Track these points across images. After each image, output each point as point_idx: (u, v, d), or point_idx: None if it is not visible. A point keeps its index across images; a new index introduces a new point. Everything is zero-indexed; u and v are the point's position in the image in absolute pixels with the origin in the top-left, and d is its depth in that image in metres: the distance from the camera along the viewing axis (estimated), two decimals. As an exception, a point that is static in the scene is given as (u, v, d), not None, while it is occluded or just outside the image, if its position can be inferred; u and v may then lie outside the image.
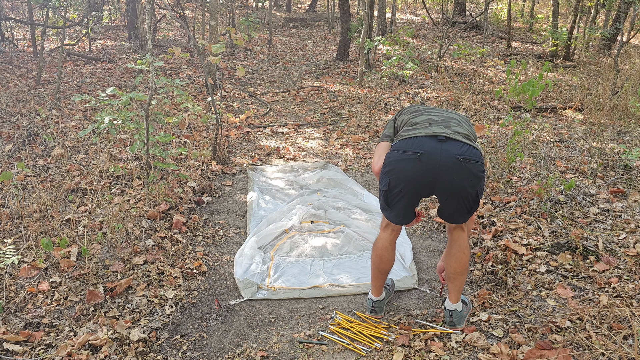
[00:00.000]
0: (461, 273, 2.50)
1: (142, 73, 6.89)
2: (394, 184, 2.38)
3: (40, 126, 5.53)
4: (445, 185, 2.32)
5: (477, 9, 17.57)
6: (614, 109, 6.38)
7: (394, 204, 2.44)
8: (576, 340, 2.37)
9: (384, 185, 2.42)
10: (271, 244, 3.47)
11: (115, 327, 2.50)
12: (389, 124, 2.68)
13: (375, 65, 9.76)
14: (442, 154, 2.27)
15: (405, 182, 2.36)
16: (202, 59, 5.17)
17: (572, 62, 10.39)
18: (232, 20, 12.73)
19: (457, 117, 2.49)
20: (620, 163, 4.51)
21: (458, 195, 2.35)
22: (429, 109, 2.55)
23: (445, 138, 2.29)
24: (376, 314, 2.68)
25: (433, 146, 2.28)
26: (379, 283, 2.64)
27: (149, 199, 3.82)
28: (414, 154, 2.30)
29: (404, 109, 2.66)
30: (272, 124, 6.64)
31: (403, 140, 2.38)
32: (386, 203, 2.46)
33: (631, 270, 2.95)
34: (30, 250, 3.16)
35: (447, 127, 2.36)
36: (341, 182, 4.57)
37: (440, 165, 2.27)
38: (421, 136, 2.33)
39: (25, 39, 11.97)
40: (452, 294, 2.54)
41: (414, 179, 2.34)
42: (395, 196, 2.41)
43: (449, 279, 2.56)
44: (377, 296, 2.67)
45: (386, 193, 2.43)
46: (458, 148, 2.28)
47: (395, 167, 2.36)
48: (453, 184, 2.31)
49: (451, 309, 2.54)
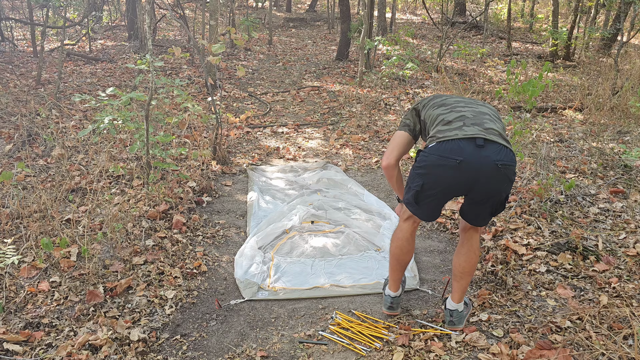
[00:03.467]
0: (469, 273, 2.49)
1: (142, 73, 6.89)
2: (429, 186, 2.32)
3: (40, 126, 5.53)
4: (481, 191, 2.27)
5: (477, 9, 17.57)
6: (614, 109, 6.38)
7: (423, 204, 2.39)
8: (576, 340, 2.37)
9: (417, 185, 2.35)
10: (271, 245, 3.47)
11: (115, 327, 2.50)
12: (410, 113, 2.58)
13: (375, 65, 9.76)
14: (482, 161, 2.19)
15: (441, 187, 2.30)
16: (202, 59, 5.17)
17: (572, 62, 10.39)
18: (232, 20, 12.73)
19: (487, 110, 2.41)
20: (620, 163, 4.51)
21: (491, 200, 2.32)
22: (457, 102, 2.44)
23: (484, 141, 2.20)
24: (393, 310, 2.64)
25: (472, 153, 2.19)
26: (397, 276, 2.61)
27: (149, 199, 3.82)
28: (453, 160, 2.20)
29: (428, 101, 2.53)
30: (272, 124, 6.64)
31: (440, 144, 2.26)
32: (415, 201, 2.40)
33: (631, 270, 2.95)
34: (30, 250, 3.16)
35: (481, 126, 2.26)
36: (341, 182, 4.57)
37: (480, 174, 2.21)
38: (458, 139, 2.22)
39: (25, 39, 11.97)
40: (456, 294, 2.53)
41: (451, 185, 2.28)
42: (427, 197, 2.35)
43: (455, 278, 2.53)
44: (396, 291, 2.63)
45: (418, 193, 2.36)
46: (497, 153, 2.20)
47: (432, 171, 2.29)
48: (489, 190, 2.27)
49: (452, 309, 2.53)
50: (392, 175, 2.61)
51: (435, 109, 2.43)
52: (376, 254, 3.34)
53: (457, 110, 2.37)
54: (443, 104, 2.45)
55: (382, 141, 5.88)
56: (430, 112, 2.45)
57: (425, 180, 2.31)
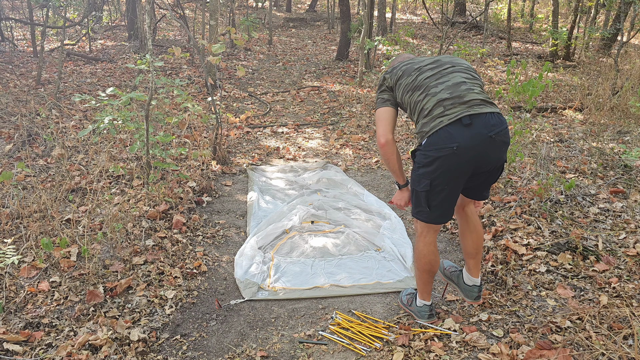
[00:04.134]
0: (481, 246, 2.56)
1: (142, 73, 6.90)
2: (437, 182, 2.27)
3: (40, 126, 5.53)
4: (484, 166, 2.28)
5: (477, 9, 17.57)
6: (614, 109, 6.38)
7: (436, 204, 2.33)
8: (576, 340, 2.37)
9: (425, 186, 2.30)
10: (271, 245, 3.47)
11: (115, 327, 2.50)
12: (384, 92, 2.46)
13: (375, 65, 9.76)
14: (476, 138, 2.17)
15: (448, 178, 2.26)
16: (202, 59, 5.16)
17: (572, 62, 10.39)
18: (232, 20, 12.73)
19: (459, 74, 2.31)
20: (620, 163, 4.50)
21: (494, 171, 2.34)
22: (428, 79, 2.31)
23: (470, 118, 2.18)
24: (433, 318, 2.61)
25: (463, 135, 2.16)
26: (430, 288, 2.58)
27: (149, 199, 3.82)
28: (450, 148, 2.18)
29: (397, 78, 2.41)
30: (272, 124, 6.64)
31: (431, 137, 2.23)
32: (427, 205, 2.34)
33: (631, 270, 2.95)
34: (30, 250, 3.16)
35: (461, 101, 2.21)
36: (341, 182, 4.57)
37: (478, 151, 2.20)
38: (445, 126, 2.19)
39: (25, 39, 11.97)
40: (475, 270, 2.59)
41: (457, 173, 2.25)
42: (437, 194, 2.30)
43: (471, 256, 2.56)
44: (430, 300, 2.61)
45: (427, 194, 2.31)
46: (485, 125, 2.18)
47: (435, 166, 2.24)
48: (491, 162, 2.28)
49: (478, 284, 2.60)
50: (393, 152, 2.43)
51: (410, 94, 2.35)
52: (376, 254, 3.34)
53: (431, 93, 2.27)
54: (416, 86, 2.33)
55: (382, 141, 5.87)
56: (405, 97, 2.37)
57: (432, 177, 2.27)
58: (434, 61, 2.39)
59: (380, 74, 8.67)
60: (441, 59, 2.40)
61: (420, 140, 2.31)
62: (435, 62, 2.39)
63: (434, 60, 2.40)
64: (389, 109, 2.43)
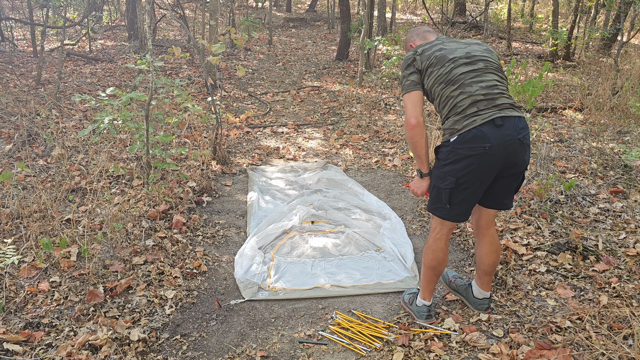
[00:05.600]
0: (497, 264, 2.61)
1: (142, 73, 6.90)
2: (463, 180, 2.27)
3: (40, 126, 5.53)
4: (511, 170, 2.32)
5: (477, 9, 17.56)
6: (614, 109, 6.38)
7: (457, 202, 2.33)
8: (576, 340, 2.37)
9: (449, 184, 2.29)
10: (271, 245, 3.47)
11: (115, 327, 2.50)
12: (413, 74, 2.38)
13: (375, 65, 9.76)
14: (507, 139, 2.22)
15: (475, 176, 2.27)
16: (202, 59, 5.17)
17: (572, 62, 10.39)
18: (232, 20, 12.74)
19: (492, 76, 2.31)
20: (620, 163, 4.50)
21: (517, 175, 2.37)
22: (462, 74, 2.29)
23: (501, 120, 2.22)
24: (432, 318, 2.61)
25: (495, 135, 2.20)
26: (433, 287, 2.59)
27: (149, 199, 3.82)
28: (482, 148, 2.20)
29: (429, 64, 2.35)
30: (272, 124, 6.64)
31: (463, 135, 2.23)
32: (448, 202, 2.33)
33: (631, 270, 2.95)
34: (30, 250, 3.16)
35: (494, 103, 2.25)
36: (341, 182, 4.56)
37: (507, 152, 2.24)
38: (479, 125, 2.21)
39: (25, 39, 11.97)
40: (488, 285, 2.65)
41: (484, 172, 2.27)
42: (461, 193, 2.30)
43: (487, 274, 2.60)
44: (430, 300, 2.62)
45: (451, 191, 2.30)
46: (515, 127, 2.24)
47: (463, 163, 2.25)
48: (517, 164, 2.31)
49: (488, 297, 2.66)
50: (422, 134, 2.35)
51: (443, 86, 2.32)
52: (376, 254, 3.34)
53: (467, 91, 2.27)
54: (450, 80, 2.30)
55: (382, 141, 5.88)
56: (437, 88, 2.34)
57: (458, 175, 2.27)
58: (467, 54, 2.35)
59: (380, 74, 8.66)
60: (473, 52, 2.36)
61: (449, 137, 2.29)
62: (468, 56, 2.35)
63: (466, 53, 2.36)
64: (420, 93, 2.38)
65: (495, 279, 2.99)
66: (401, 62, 8.56)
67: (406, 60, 2.43)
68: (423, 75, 2.39)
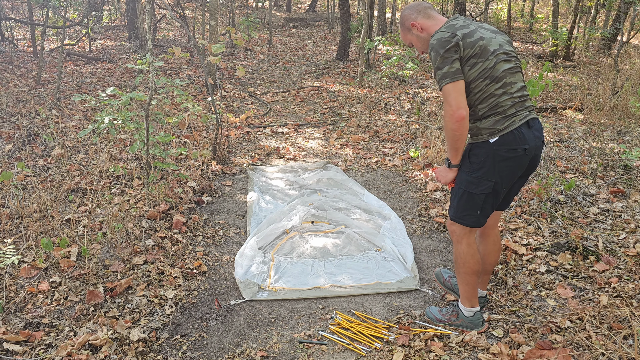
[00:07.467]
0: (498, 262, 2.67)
1: (142, 73, 6.90)
2: (501, 184, 2.24)
3: (40, 126, 5.53)
4: (529, 171, 2.35)
5: (477, 9, 17.56)
6: (614, 109, 6.38)
7: (489, 206, 2.30)
8: (576, 340, 2.37)
9: (485, 189, 2.23)
10: (272, 245, 3.47)
11: (115, 327, 2.50)
12: (453, 56, 2.15)
13: (375, 65, 9.76)
14: (537, 141, 2.25)
15: (511, 179, 2.27)
16: (202, 59, 5.16)
17: (572, 62, 10.39)
18: (232, 20, 12.74)
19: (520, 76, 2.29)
20: (620, 163, 4.51)
21: (527, 176, 2.39)
22: (504, 71, 2.19)
23: (532, 121, 2.25)
24: (485, 323, 2.54)
25: (530, 137, 2.22)
26: (477, 291, 2.50)
27: (149, 199, 3.82)
28: (521, 150, 2.20)
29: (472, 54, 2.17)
30: (272, 124, 6.64)
31: (504, 136, 2.18)
32: (481, 208, 2.28)
33: (631, 270, 2.95)
34: (30, 250, 3.16)
35: (525, 105, 2.26)
36: (341, 182, 4.56)
37: (535, 154, 2.28)
38: (519, 127, 2.20)
39: (25, 39, 11.97)
40: (486, 284, 2.67)
41: (517, 174, 2.28)
42: (495, 197, 2.28)
43: (487, 272, 2.62)
44: (478, 305, 2.54)
45: (487, 196, 2.25)
46: (539, 128, 2.28)
47: (504, 165, 2.20)
48: (535, 166, 2.34)
49: (484, 295, 2.69)
50: (466, 127, 2.17)
51: (488, 82, 2.19)
52: (376, 254, 3.34)
53: (509, 92, 2.21)
54: (496, 77, 2.19)
55: (382, 141, 5.88)
56: (481, 82, 2.19)
57: (496, 178, 2.22)
58: (500, 47, 2.23)
59: (380, 74, 8.65)
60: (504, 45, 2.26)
61: (488, 137, 2.21)
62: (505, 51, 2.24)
63: (499, 46, 2.23)
64: (464, 82, 2.17)
65: (495, 279, 2.99)
66: (400, 62, 8.60)
67: (445, 42, 2.16)
68: (463, 64, 2.19)
